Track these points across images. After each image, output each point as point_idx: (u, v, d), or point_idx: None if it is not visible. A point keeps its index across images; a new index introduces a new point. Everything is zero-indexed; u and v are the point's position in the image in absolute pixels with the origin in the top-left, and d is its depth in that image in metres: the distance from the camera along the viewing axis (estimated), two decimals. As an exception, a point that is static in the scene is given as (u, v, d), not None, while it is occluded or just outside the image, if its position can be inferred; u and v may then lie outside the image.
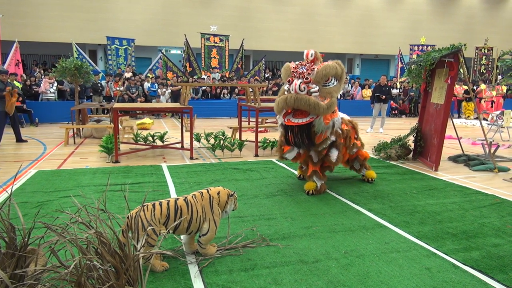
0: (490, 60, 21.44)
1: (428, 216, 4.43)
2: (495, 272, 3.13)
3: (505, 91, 17.51)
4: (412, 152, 7.85)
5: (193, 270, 3.10)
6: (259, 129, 8.58)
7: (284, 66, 5.08)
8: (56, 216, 2.89)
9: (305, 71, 4.74)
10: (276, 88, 17.47)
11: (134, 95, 15.46)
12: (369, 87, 17.80)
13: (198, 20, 20.62)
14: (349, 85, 19.48)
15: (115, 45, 18.11)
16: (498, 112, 11.65)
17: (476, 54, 21.45)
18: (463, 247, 3.60)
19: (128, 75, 16.91)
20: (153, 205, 3.07)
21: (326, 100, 4.67)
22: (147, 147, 8.32)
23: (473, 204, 4.92)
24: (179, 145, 8.47)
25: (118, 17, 20.17)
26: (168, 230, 3.06)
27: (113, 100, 13.88)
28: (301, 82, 4.65)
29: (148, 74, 17.65)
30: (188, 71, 17.49)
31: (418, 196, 5.22)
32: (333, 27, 23.32)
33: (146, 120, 12.34)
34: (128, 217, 2.96)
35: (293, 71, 4.84)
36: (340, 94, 18.37)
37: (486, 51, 21.45)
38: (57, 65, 10.22)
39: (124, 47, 18.23)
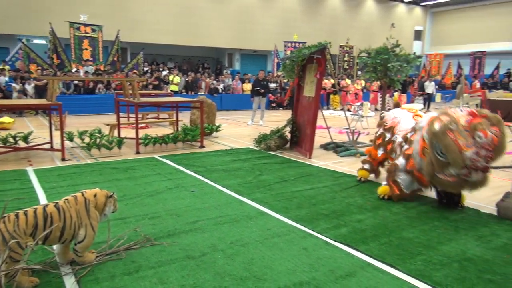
0: (351, 57, 24.12)
1: (305, 201, 4.82)
2: (359, 244, 3.57)
3: (364, 84, 19.89)
4: (289, 142, 8.41)
5: (70, 281, 2.85)
6: (139, 125, 8.23)
7: (445, 142, 3.91)
8: None
9: (485, 164, 3.95)
10: (157, 82, 16.95)
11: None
12: (249, 81, 18.48)
13: (65, 8, 18.73)
14: (230, 79, 19.95)
15: (-41, 32, 15.39)
16: (358, 104, 13.18)
17: (340, 51, 23.90)
18: (333, 226, 4.00)
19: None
20: (17, 215, 2.72)
21: None
22: (8, 149, 7.30)
23: (341, 186, 5.50)
24: (48, 146, 7.64)
25: (-38, -2, 17.17)
26: (37, 241, 2.75)
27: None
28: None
29: (2, 66, 15.45)
30: (56, 64, 15.82)
31: (296, 183, 5.63)
32: (212, 22, 23.51)
33: (5, 119, 10.81)
34: (-16, 232, 2.57)
35: (470, 166, 3.93)
36: (221, 88, 18.71)
37: (348, 49, 24.05)
38: None
39: (-28, 35, 15.61)
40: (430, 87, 18.50)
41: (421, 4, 32.91)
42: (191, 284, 2.84)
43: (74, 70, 16.04)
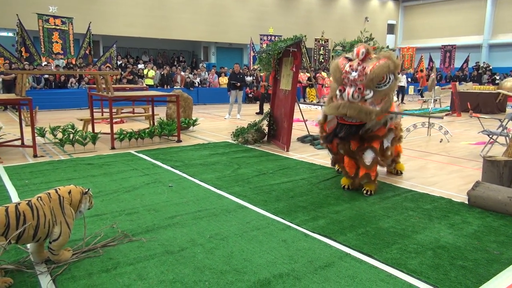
0: (327, 50, 24.32)
1: (283, 193, 4.85)
2: (337, 235, 3.63)
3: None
4: (266, 136, 8.43)
5: (45, 280, 2.78)
6: (114, 120, 8.07)
7: (333, 64, 4.67)
8: None
9: (357, 77, 4.33)
10: (131, 76, 16.62)
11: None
12: (225, 75, 18.35)
13: (32, -1, 18.05)
14: (206, 72, 19.78)
15: None
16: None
17: (315, 45, 24.05)
18: (312, 217, 4.05)
19: None
20: (-13, 215, 2.63)
21: (382, 103, 4.44)
22: (-25, 146, 7.02)
23: (318, 178, 5.57)
24: (18, 142, 7.39)
25: None
26: (9, 240, 2.66)
27: None
28: (353, 91, 4.32)
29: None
30: (25, 57, 15.27)
31: (274, 176, 5.66)
32: (185, 14, 23.14)
33: (-28, 115, 10.38)
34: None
35: (343, 77, 4.43)
36: (198, 82, 18.52)
37: (323, 42, 24.22)
38: None
39: None
40: (402, 80, 18.90)
41: (394, -2, 33.47)
42: (171, 280, 2.82)
43: (44, 63, 15.52)
